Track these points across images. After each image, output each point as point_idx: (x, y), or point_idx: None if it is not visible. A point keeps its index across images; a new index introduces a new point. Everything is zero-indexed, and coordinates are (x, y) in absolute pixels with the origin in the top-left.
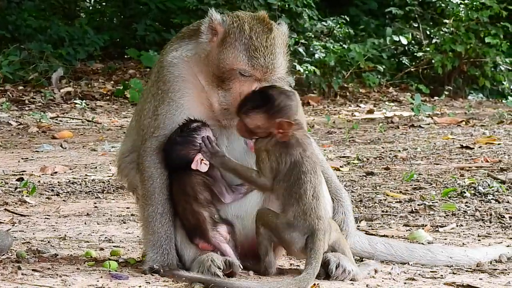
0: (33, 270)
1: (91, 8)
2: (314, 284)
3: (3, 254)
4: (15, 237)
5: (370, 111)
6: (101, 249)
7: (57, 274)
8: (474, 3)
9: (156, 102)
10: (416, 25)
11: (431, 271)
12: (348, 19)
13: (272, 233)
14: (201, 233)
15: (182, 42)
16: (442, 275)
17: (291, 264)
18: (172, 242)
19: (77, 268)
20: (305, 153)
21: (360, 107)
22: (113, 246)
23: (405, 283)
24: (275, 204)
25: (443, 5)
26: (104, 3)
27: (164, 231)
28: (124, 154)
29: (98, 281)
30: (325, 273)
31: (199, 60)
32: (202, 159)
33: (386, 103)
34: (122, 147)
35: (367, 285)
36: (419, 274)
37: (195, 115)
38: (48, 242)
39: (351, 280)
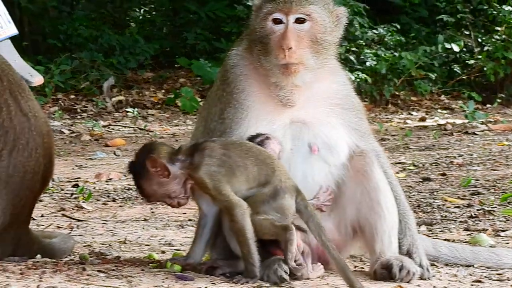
0: (98, 271)
1: (141, 17)
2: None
3: (66, 256)
4: (75, 241)
5: (422, 119)
6: (163, 252)
7: (122, 275)
8: None
9: (222, 105)
10: (467, 32)
11: (497, 274)
12: (399, 26)
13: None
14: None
15: (239, 43)
16: (508, 278)
17: (355, 266)
18: None
19: (142, 270)
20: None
21: (412, 115)
22: (174, 250)
23: (471, 285)
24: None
25: (494, 12)
26: (154, 13)
27: None
28: None
29: (163, 282)
30: (389, 276)
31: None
32: None
33: (438, 110)
34: None
35: (434, 286)
36: (485, 277)
37: (262, 116)
38: (109, 245)
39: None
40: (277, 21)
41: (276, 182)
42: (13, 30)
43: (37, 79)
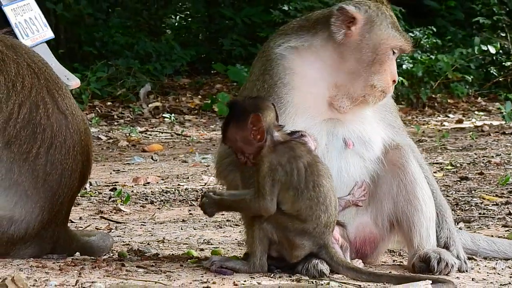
0: (137, 266)
1: (176, 24)
2: None
3: (105, 254)
4: (114, 239)
5: (459, 121)
6: (201, 249)
7: (161, 271)
8: None
9: None
10: (503, 34)
11: None
12: (435, 29)
13: (278, 232)
14: None
15: (290, 36)
16: None
17: (394, 261)
18: None
19: (181, 265)
20: (312, 153)
21: (448, 117)
22: (213, 247)
23: (510, 277)
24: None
25: None
26: (189, 19)
27: None
28: (223, 157)
29: (202, 276)
30: (428, 268)
31: (319, 51)
32: None
33: (475, 112)
34: (219, 150)
35: (472, 279)
36: None
37: (300, 111)
38: (148, 244)
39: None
40: (394, 53)
41: (310, 226)
42: (49, 34)
43: (74, 82)
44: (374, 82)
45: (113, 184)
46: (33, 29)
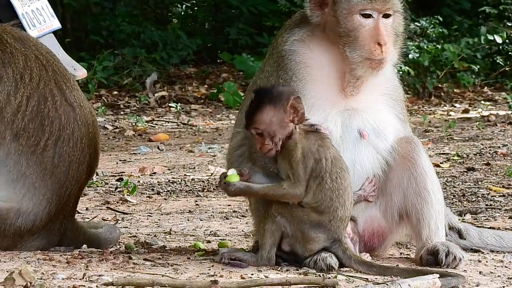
0: (144, 259)
1: (183, 13)
2: None
3: (112, 246)
4: (121, 231)
5: (466, 111)
6: (208, 241)
7: (168, 263)
8: None
9: None
10: (510, 24)
11: None
12: (441, 19)
13: (292, 225)
14: None
15: (294, 30)
16: None
17: (401, 254)
18: None
19: (188, 258)
20: (335, 147)
21: (455, 107)
22: (220, 239)
23: None
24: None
25: None
26: (196, 8)
27: None
28: (234, 148)
29: (209, 269)
30: (435, 261)
31: (320, 39)
32: None
33: (482, 102)
34: (231, 142)
35: (480, 272)
36: None
37: (317, 104)
38: (155, 236)
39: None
40: (366, 15)
41: (326, 219)
42: (56, 24)
43: (81, 72)
44: (353, 54)
45: (120, 174)
46: (40, 20)
